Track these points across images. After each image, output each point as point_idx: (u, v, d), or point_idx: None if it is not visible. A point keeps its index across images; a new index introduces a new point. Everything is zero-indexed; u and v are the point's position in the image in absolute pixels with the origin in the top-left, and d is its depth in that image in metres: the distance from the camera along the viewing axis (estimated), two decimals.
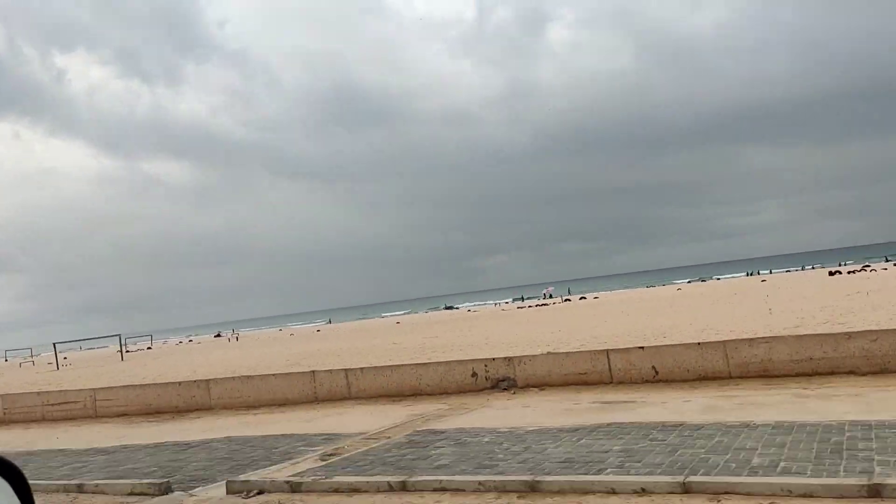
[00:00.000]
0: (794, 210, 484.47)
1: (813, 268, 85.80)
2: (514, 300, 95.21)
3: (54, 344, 51.91)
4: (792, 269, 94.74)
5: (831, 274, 56.87)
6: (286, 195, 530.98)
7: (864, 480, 5.97)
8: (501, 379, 13.82)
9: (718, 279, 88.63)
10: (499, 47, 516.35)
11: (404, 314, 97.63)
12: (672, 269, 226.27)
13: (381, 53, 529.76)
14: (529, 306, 64.15)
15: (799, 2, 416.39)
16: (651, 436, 8.63)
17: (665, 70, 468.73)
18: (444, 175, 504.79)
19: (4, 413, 18.42)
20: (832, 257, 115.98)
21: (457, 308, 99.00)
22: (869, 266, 65.02)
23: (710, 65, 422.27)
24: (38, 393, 18.92)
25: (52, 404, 18.04)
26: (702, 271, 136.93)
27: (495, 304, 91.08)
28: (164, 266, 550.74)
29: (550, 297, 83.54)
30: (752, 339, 12.45)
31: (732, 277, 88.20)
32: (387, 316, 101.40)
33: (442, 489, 7.52)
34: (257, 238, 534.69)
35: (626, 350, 13.30)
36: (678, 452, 7.65)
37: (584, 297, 69.22)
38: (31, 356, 68.98)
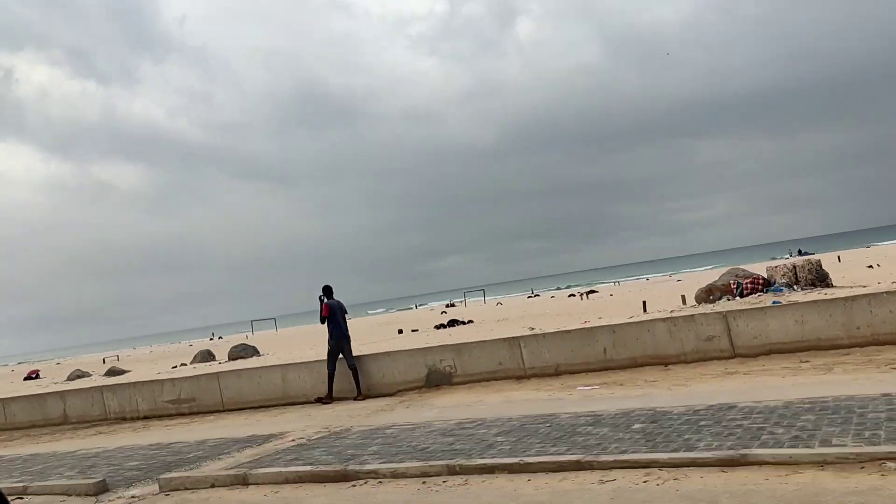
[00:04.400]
0: (745, 203, 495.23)
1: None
2: None
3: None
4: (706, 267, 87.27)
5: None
6: (244, 198, 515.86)
7: None
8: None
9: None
10: (467, 43, 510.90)
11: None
12: (620, 266, 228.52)
13: (347, 52, 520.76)
14: None
15: None
16: None
17: (630, 63, 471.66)
18: (405, 175, 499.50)
19: None
20: (780, 249, 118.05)
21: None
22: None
23: (674, 58, 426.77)
24: None
25: None
26: (637, 269, 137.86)
27: None
28: (115, 275, 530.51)
29: None
30: None
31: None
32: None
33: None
34: (213, 243, 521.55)
35: None
36: None
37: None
38: None
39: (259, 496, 6.43)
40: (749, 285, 19.61)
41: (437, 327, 32.28)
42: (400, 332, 34.22)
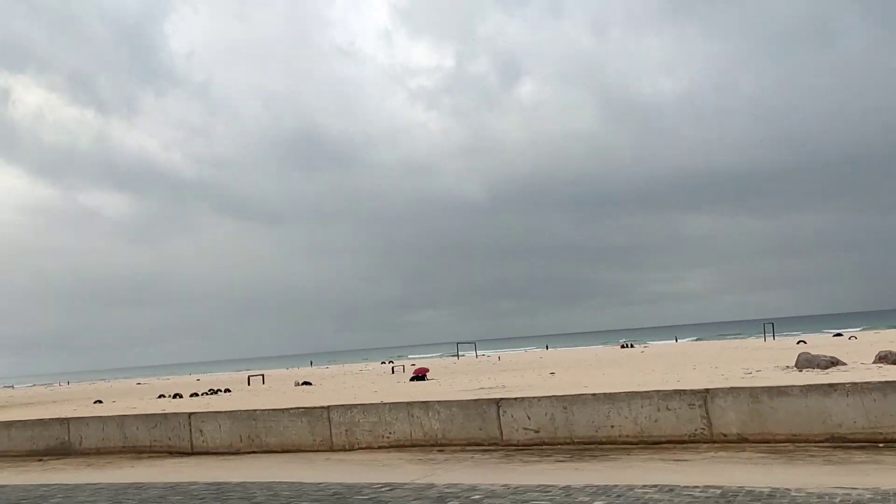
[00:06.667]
0: (722, 279, 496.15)
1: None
2: None
3: None
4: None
5: None
6: (229, 235, 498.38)
7: None
8: None
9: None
10: (469, 99, 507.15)
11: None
12: (588, 333, 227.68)
13: (349, 98, 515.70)
14: None
15: (758, 73, 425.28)
16: None
17: (626, 132, 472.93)
18: (394, 224, 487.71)
19: None
20: (752, 328, 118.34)
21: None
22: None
23: (668, 130, 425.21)
24: None
25: None
26: (607, 336, 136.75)
27: None
28: (87, 303, 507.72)
29: None
30: None
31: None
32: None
33: None
34: (193, 279, 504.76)
35: None
36: None
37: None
38: None
39: None
40: None
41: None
42: None
